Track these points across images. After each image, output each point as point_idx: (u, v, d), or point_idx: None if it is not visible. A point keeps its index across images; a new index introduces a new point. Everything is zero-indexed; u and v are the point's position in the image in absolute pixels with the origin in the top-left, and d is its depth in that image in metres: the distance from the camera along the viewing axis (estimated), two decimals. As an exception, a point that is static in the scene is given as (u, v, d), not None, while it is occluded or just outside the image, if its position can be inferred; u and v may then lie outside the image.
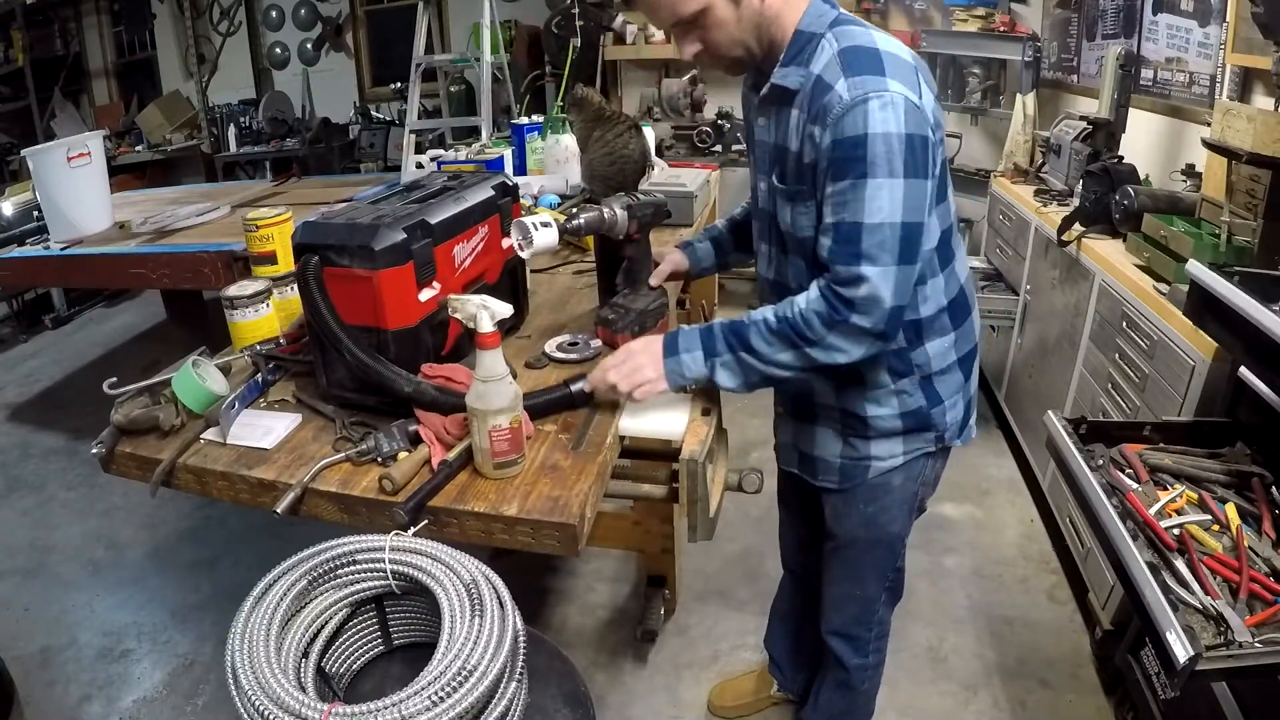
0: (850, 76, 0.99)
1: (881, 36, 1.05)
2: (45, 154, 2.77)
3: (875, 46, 1.02)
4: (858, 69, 1.00)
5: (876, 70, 0.99)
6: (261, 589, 0.88)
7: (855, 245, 1.01)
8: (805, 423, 1.31)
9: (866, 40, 1.03)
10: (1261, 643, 0.98)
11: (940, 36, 3.74)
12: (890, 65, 1.00)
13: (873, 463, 1.27)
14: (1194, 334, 1.57)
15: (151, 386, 1.20)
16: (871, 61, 1.00)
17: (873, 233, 1.00)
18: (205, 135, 5.98)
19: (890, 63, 1.01)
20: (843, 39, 1.03)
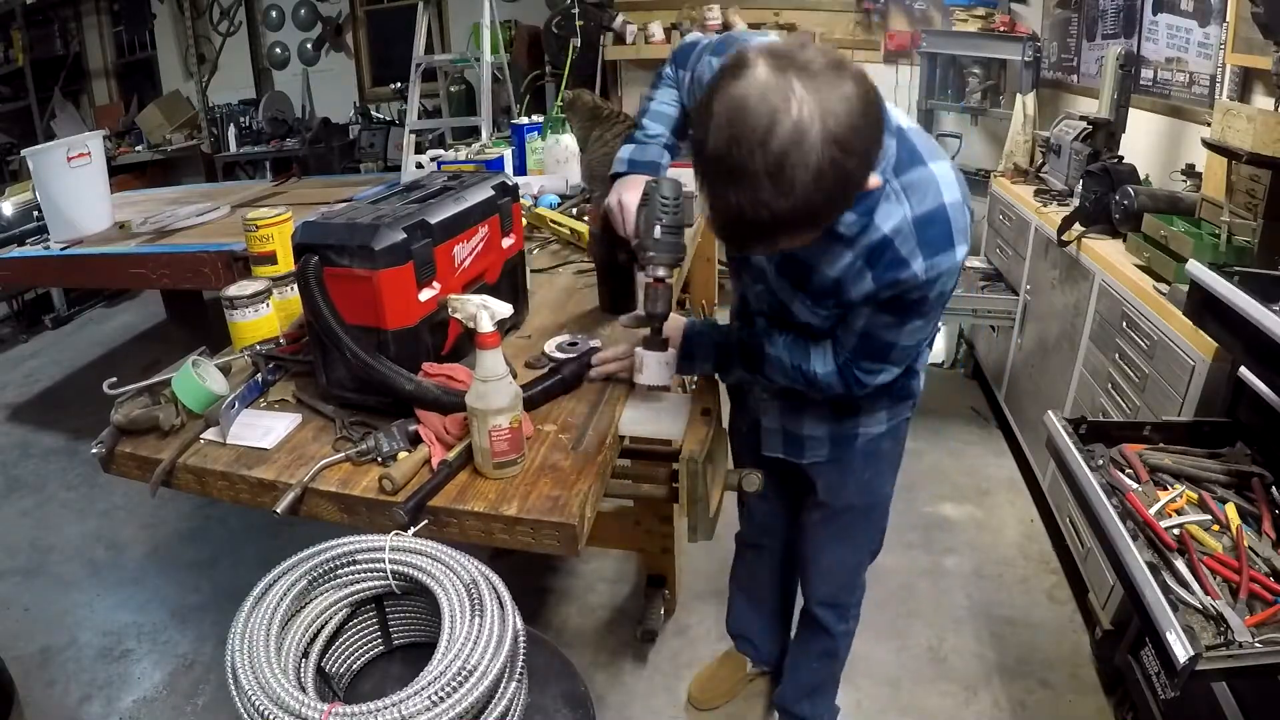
0: (928, 258, 0.98)
1: (943, 171, 0.98)
2: (45, 154, 2.76)
3: (943, 203, 0.97)
4: (934, 246, 0.97)
5: (948, 243, 0.98)
6: (261, 589, 0.88)
7: (884, 356, 1.10)
8: (792, 404, 1.33)
9: (934, 195, 0.97)
10: (1261, 643, 0.98)
11: (940, 36, 3.74)
12: (957, 227, 0.98)
13: (861, 432, 1.32)
14: (1194, 334, 1.57)
15: (151, 386, 1.20)
16: (943, 233, 0.97)
17: (903, 350, 1.10)
18: (205, 135, 5.98)
19: (956, 223, 0.98)
20: (913, 196, 0.97)
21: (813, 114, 0.77)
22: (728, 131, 0.79)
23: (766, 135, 0.77)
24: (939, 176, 0.97)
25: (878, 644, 2.00)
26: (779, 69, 0.79)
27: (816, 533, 1.50)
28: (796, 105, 0.77)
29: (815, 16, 3.99)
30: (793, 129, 0.77)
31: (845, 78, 0.80)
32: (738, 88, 0.79)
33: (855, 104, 0.79)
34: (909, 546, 2.36)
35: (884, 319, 1.05)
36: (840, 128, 0.78)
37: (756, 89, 0.78)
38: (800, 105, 0.77)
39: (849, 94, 0.79)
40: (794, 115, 0.77)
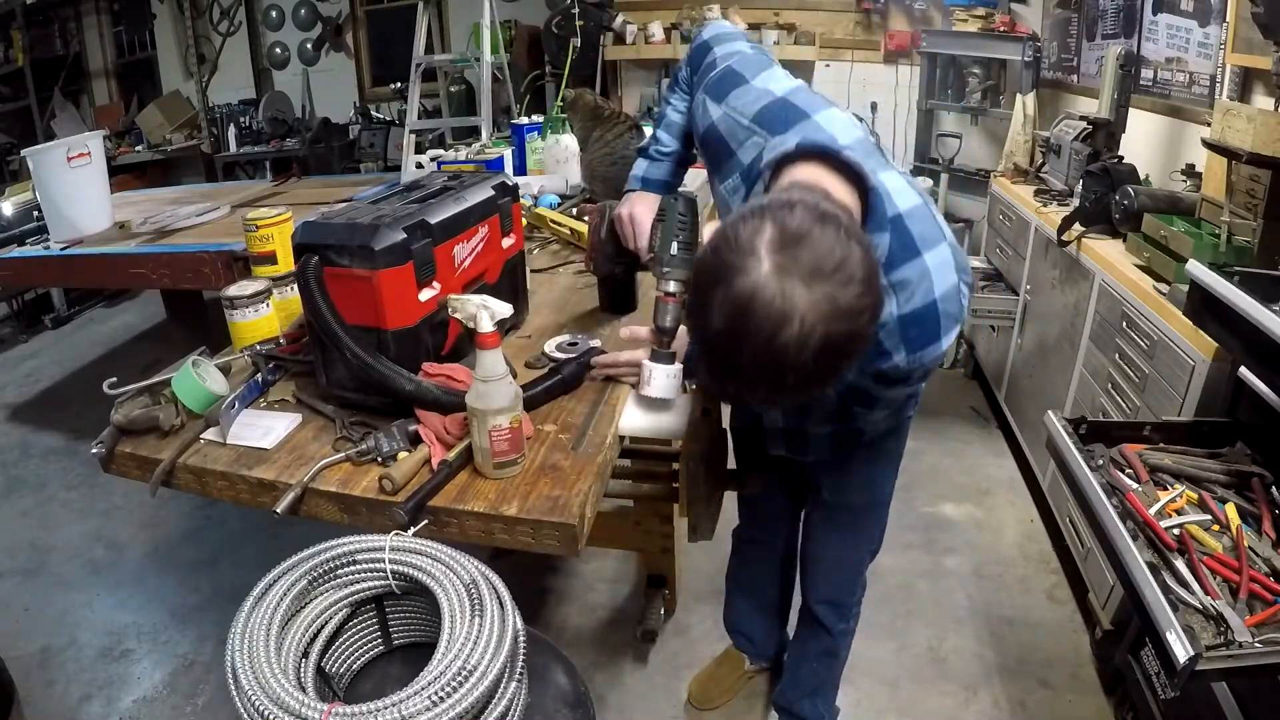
0: (912, 352, 0.98)
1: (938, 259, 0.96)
2: (45, 154, 2.76)
3: (933, 299, 0.96)
4: (919, 342, 0.98)
5: (934, 337, 0.98)
6: (261, 589, 0.88)
7: (871, 404, 1.16)
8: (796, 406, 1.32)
9: (924, 292, 0.95)
10: (1261, 643, 0.98)
11: (940, 36, 3.74)
12: (948, 318, 0.97)
13: (867, 430, 1.32)
14: (1194, 334, 1.57)
15: (151, 386, 1.20)
16: (930, 330, 0.97)
17: (889, 400, 1.16)
18: (205, 135, 5.98)
19: (947, 314, 0.97)
20: (901, 292, 0.95)
21: (815, 322, 0.75)
22: (728, 332, 0.77)
23: (768, 343, 0.75)
24: (932, 269, 0.96)
25: (878, 644, 2.00)
26: (783, 269, 0.75)
27: (819, 531, 1.51)
28: (800, 314, 0.74)
29: (815, 16, 3.99)
30: (795, 338, 0.75)
31: (854, 270, 0.76)
32: (739, 287, 0.76)
33: (858, 307, 0.76)
34: (909, 546, 2.36)
35: (866, 381, 1.06)
36: (841, 337, 0.76)
37: (760, 296, 0.75)
38: (804, 314, 0.74)
39: (852, 296, 0.76)
40: (795, 325, 0.74)
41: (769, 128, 1.07)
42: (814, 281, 0.75)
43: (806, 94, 1.10)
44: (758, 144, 1.09)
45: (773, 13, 3.97)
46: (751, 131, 1.10)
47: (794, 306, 0.74)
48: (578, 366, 1.27)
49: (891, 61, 3.96)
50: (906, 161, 4.00)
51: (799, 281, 0.75)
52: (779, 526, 1.69)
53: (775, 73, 1.15)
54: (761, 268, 0.75)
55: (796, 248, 0.76)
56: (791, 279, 0.75)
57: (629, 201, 1.37)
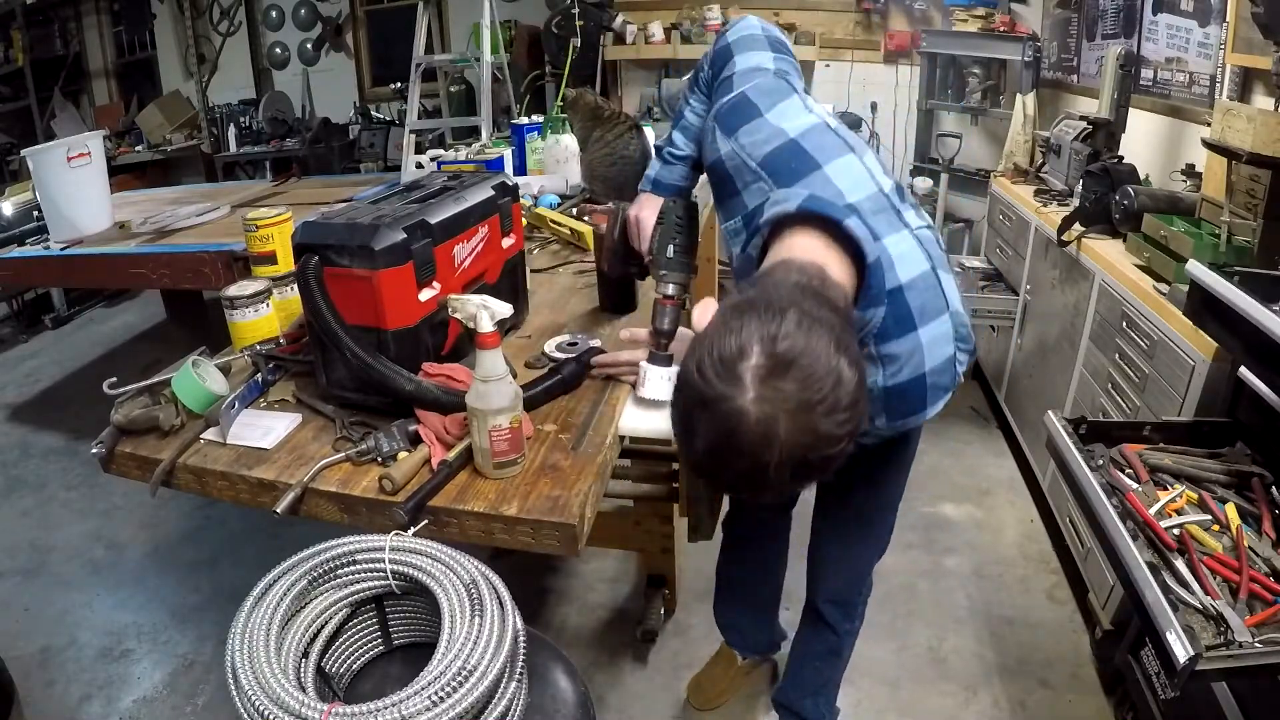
0: (892, 420, 1.00)
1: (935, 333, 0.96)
2: (45, 154, 2.76)
3: (922, 374, 0.97)
4: (901, 412, 0.99)
5: (919, 407, 1.00)
6: (261, 589, 0.88)
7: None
8: None
9: (913, 367, 0.97)
10: (1261, 643, 0.98)
11: (940, 36, 3.74)
12: (936, 388, 0.99)
13: (880, 433, 1.30)
14: (1194, 334, 1.57)
15: (151, 386, 1.20)
16: (915, 402, 0.99)
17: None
18: (205, 135, 5.98)
19: (937, 384, 0.98)
20: (889, 365, 0.96)
21: (795, 448, 0.75)
22: (710, 453, 0.78)
23: (749, 466, 0.76)
24: (925, 344, 0.96)
25: (878, 644, 2.00)
26: (767, 400, 0.74)
27: (828, 532, 1.50)
28: (780, 442, 0.74)
29: (815, 16, 3.99)
30: (776, 464, 0.75)
31: (837, 395, 0.75)
32: (724, 414, 0.75)
33: (841, 429, 0.76)
34: (909, 546, 2.36)
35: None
36: (821, 457, 0.76)
37: (743, 428, 0.74)
38: (785, 441, 0.74)
39: (839, 418, 0.75)
40: (776, 455, 0.74)
41: (775, 176, 1.03)
42: (797, 414, 0.74)
43: (820, 135, 1.05)
44: (762, 190, 1.05)
45: (773, 13, 3.97)
46: (758, 176, 1.06)
47: (775, 436, 0.74)
48: (578, 366, 1.27)
49: (891, 61, 3.96)
50: (907, 161, 4.00)
51: (782, 414, 0.74)
52: (772, 521, 1.69)
53: (791, 106, 1.09)
54: (746, 397, 0.74)
55: (782, 379, 0.74)
56: (775, 411, 0.74)
57: (639, 203, 1.37)
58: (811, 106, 1.10)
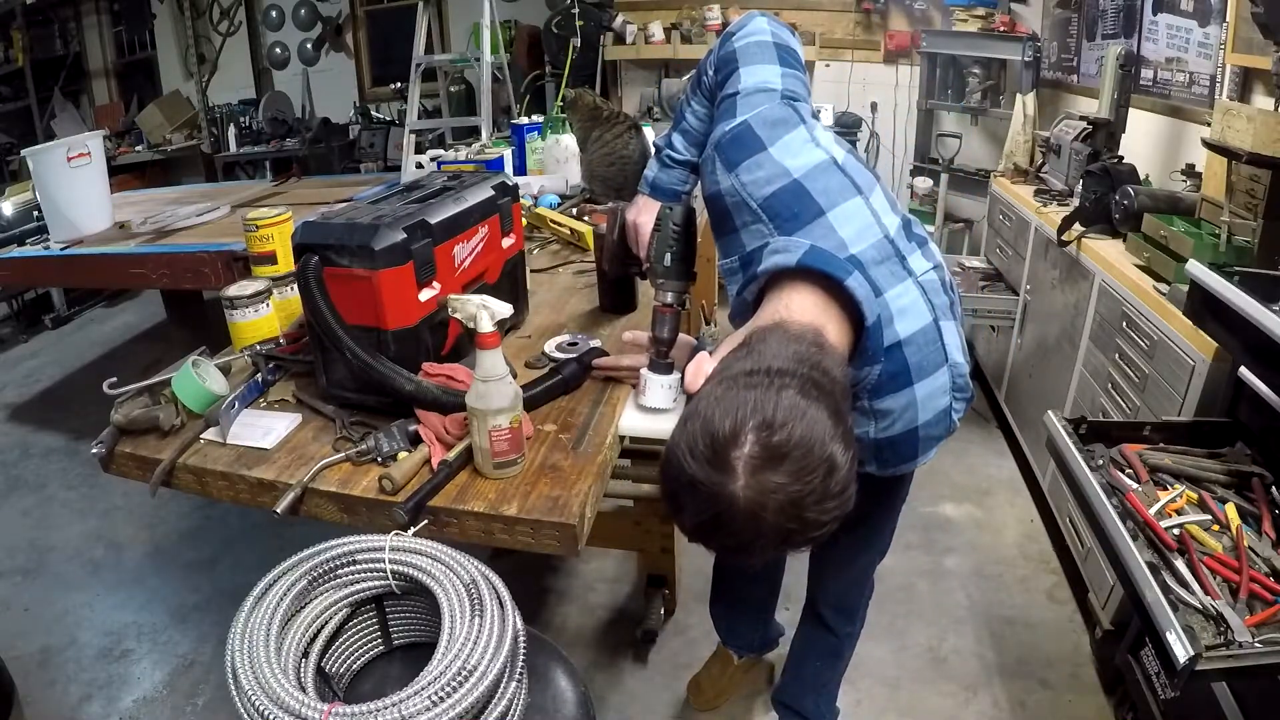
0: (883, 468, 1.04)
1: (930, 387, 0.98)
2: (45, 154, 2.76)
3: (914, 428, 0.99)
4: (892, 463, 1.02)
5: (910, 457, 1.03)
6: (261, 589, 0.88)
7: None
8: None
9: (905, 421, 0.98)
10: (1261, 643, 0.98)
11: (940, 36, 3.74)
12: (928, 439, 1.01)
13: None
14: (1194, 334, 1.57)
15: (151, 386, 1.20)
16: (907, 453, 1.01)
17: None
18: (205, 135, 5.98)
19: (928, 436, 1.01)
20: (882, 420, 0.98)
21: (783, 528, 0.75)
22: (698, 530, 0.79)
23: (736, 543, 0.78)
24: (920, 399, 0.96)
25: (878, 644, 2.00)
26: (758, 491, 0.74)
27: (832, 540, 1.48)
28: (768, 530, 0.75)
29: (815, 16, 3.99)
30: (762, 543, 0.77)
31: (830, 483, 0.75)
32: (714, 503, 0.75)
33: (829, 515, 0.77)
34: (909, 546, 2.35)
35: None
36: (808, 538, 0.77)
37: (735, 515, 0.75)
38: (774, 520, 0.75)
39: (826, 508, 0.76)
40: (764, 537, 0.76)
41: (776, 219, 0.99)
42: (786, 505, 0.74)
43: (826, 176, 0.99)
44: (762, 233, 1.00)
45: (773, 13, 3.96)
46: (758, 217, 1.01)
47: (763, 522, 0.74)
48: (578, 367, 1.27)
49: (891, 61, 3.96)
50: (906, 161, 4.00)
51: (771, 504, 0.74)
52: None
53: (796, 139, 1.02)
54: (735, 486, 0.74)
55: (774, 471, 0.74)
56: (764, 500, 0.74)
57: (636, 207, 1.35)
58: (819, 139, 1.03)
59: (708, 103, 1.28)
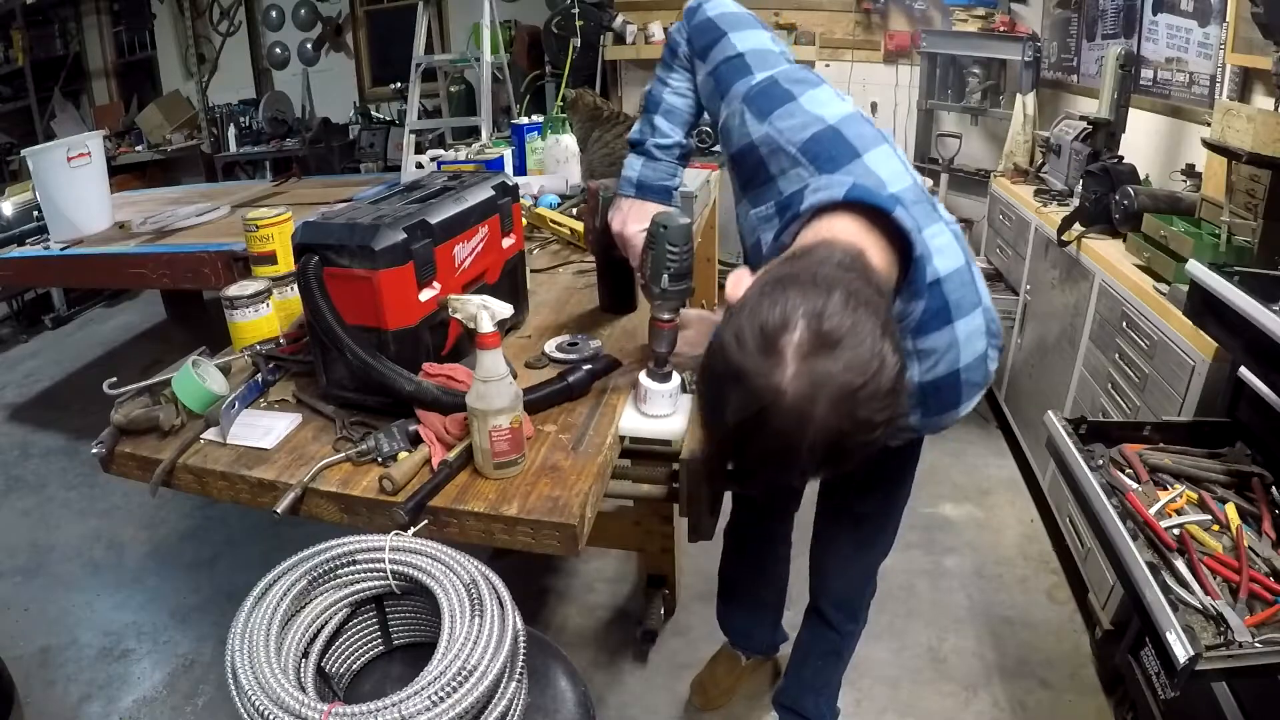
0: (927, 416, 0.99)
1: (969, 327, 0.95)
2: (45, 154, 2.76)
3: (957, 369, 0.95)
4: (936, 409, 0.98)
5: (954, 403, 0.98)
6: (261, 589, 0.88)
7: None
8: None
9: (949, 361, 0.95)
10: (1261, 643, 0.98)
11: (940, 36, 3.74)
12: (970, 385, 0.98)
13: (907, 434, 1.29)
14: (1194, 334, 1.57)
15: (151, 386, 1.20)
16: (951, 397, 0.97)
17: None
18: (205, 135, 5.98)
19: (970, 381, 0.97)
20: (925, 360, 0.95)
21: (830, 431, 0.71)
22: (739, 429, 0.74)
23: (779, 447, 0.73)
24: (961, 338, 0.93)
25: (878, 644, 2.00)
26: (806, 381, 0.70)
27: (834, 537, 1.49)
28: (819, 423, 0.71)
29: (815, 16, 3.99)
30: (808, 446, 0.72)
31: (880, 380, 0.71)
32: (759, 391, 0.71)
33: (880, 415, 0.73)
34: (909, 546, 2.35)
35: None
36: (856, 443, 0.73)
37: (780, 407, 0.71)
38: (824, 422, 0.71)
39: (883, 403, 0.72)
40: (811, 437, 0.71)
41: (816, 162, 0.98)
42: (838, 397, 0.70)
43: (858, 125, 1.00)
44: (801, 177, 0.99)
45: (773, 13, 3.97)
46: (796, 161, 1.00)
47: (811, 419, 0.70)
48: (587, 376, 1.23)
49: (891, 61, 3.96)
50: (906, 161, 4.00)
51: (821, 397, 0.70)
52: (776, 525, 1.69)
53: (824, 93, 1.04)
54: (784, 375, 0.70)
55: (825, 359, 0.70)
56: (814, 393, 0.70)
57: (621, 211, 1.23)
58: (844, 95, 1.06)
59: (688, 74, 1.22)
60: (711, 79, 1.14)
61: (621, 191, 1.25)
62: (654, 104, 1.23)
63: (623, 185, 1.25)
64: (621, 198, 1.24)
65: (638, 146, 1.24)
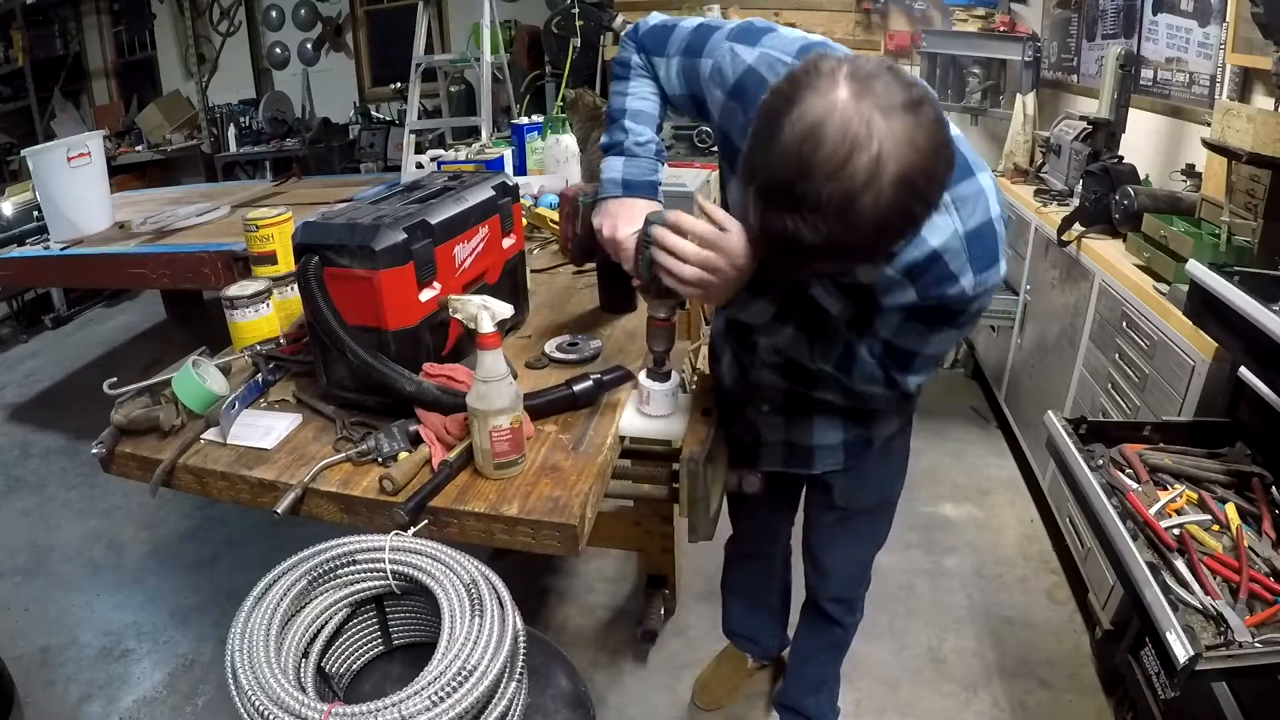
0: (978, 274, 0.96)
1: (988, 183, 0.95)
2: (45, 154, 2.77)
3: (990, 217, 0.94)
4: (982, 262, 0.95)
5: (994, 258, 0.96)
6: (261, 589, 0.88)
7: (906, 365, 1.06)
8: (800, 416, 1.30)
9: (983, 209, 0.94)
10: (1261, 643, 0.98)
11: (940, 36, 3.74)
12: (1001, 241, 0.96)
13: (875, 436, 1.31)
14: (1194, 334, 1.57)
15: (151, 386, 1.20)
16: (991, 248, 0.95)
17: (926, 359, 1.06)
18: (205, 135, 5.98)
19: (1000, 236, 0.96)
20: (963, 209, 0.93)
21: (890, 154, 0.72)
22: (798, 157, 0.73)
23: (840, 169, 0.72)
24: (985, 189, 0.94)
25: (878, 644, 2.00)
26: (860, 95, 0.73)
27: (830, 535, 1.50)
28: (877, 142, 0.72)
29: (815, 16, 3.99)
30: (869, 166, 0.72)
31: (928, 115, 0.75)
32: (814, 108, 0.73)
33: (936, 147, 0.75)
34: (909, 546, 2.36)
35: (914, 327, 1.01)
36: (916, 172, 0.73)
37: (837, 117, 0.72)
38: (880, 143, 0.72)
39: (930, 134, 0.74)
40: (872, 152, 0.72)
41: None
42: (892, 111, 0.72)
43: (831, 47, 1.00)
44: None
45: (773, 13, 3.97)
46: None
47: (871, 132, 0.71)
48: (594, 387, 1.21)
49: (891, 61, 3.96)
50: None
51: (877, 109, 0.72)
52: (776, 536, 1.69)
53: (790, 31, 1.07)
54: (839, 92, 0.73)
55: (875, 80, 0.74)
56: (869, 105, 0.72)
57: (610, 214, 1.16)
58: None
59: (648, 79, 1.20)
60: (682, 56, 1.14)
61: (607, 193, 1.19)
62: (619, 112, 1.21)
63: (607, 187, 1.19)
64: (606, 201, 1.18)
65: (614, 149, 1.21)
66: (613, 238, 1.14)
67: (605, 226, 1.15)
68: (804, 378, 1.18)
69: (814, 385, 1.19)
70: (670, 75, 1.17)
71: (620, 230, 1.13)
